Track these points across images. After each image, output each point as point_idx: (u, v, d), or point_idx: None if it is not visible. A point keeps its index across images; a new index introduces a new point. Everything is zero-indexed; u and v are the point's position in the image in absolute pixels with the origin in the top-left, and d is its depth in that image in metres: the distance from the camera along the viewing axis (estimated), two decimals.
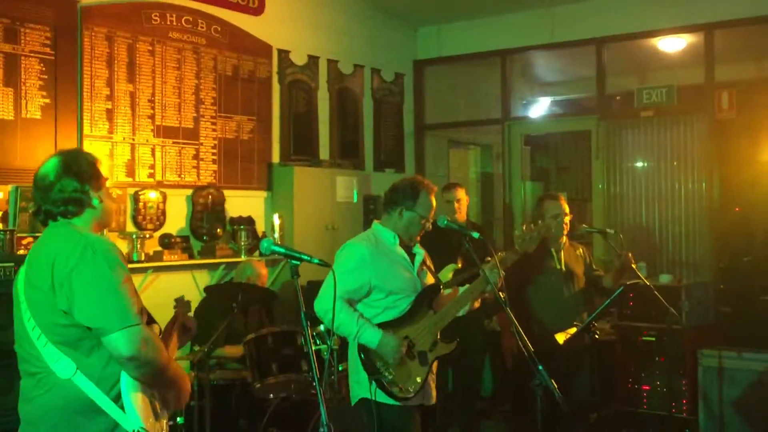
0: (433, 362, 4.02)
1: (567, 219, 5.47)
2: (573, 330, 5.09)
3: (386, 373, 3.87)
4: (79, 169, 2.87)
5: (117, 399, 2.78)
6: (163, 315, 3.34)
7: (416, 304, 4.01)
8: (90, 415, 2.75)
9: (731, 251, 7.56)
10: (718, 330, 6.81)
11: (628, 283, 5.32)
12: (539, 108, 10.32)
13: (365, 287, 3.97)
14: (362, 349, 3.88)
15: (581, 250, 5.67)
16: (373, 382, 3.84)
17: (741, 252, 7.63)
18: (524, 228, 4.27)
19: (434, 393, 4.12)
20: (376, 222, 4.20)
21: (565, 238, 5.54)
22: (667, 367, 6.46)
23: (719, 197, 7.49)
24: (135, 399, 2.79)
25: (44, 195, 2.87)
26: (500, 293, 3.82)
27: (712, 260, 7.49)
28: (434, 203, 4.12)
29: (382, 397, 3.86)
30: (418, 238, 4.16)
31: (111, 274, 2.71)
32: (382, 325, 3.93)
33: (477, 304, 4.16)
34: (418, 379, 3.94)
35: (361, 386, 3.93)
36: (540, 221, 4.97)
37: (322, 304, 3.89)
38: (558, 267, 5.45)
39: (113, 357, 2.72)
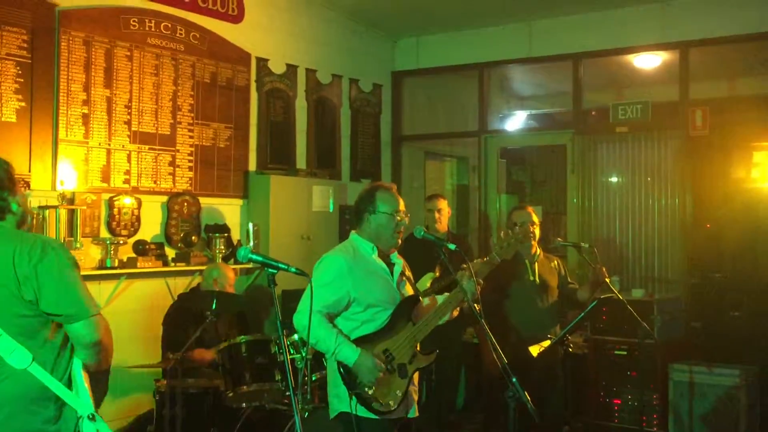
0: (413, 374, 3.99)
1: (536, 228, 5.51)
2: (547, 343, 5.12)
3: (366, 389, 3.83)
4: None
5: (67, 386, 2.92)
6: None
7: (395, 316, 3.97)
8: (44, 402, 2.90)
9: (702, 267, 7.65)
10: (689, 345, 6.89)
11: (601, 297, 5.36)
12: (516, 121, 10.38)
13: (344, 300, 3.91)
14: (342, 363, 3.84)
15: (556, 262, 5.72)
16: (354, 396, 3.82)
17: (712, 268, 7.72)
18: (501, 235, 4.30)
19: (416, 405, 4.09)
20: (353, 232, 4.15)
21: (539, 250, 5.59)
22: (639, 381, 6.52)
23: (692, 213, 7.57)
24: (86, 387, 2.95)
25: None
26: (475, 305, 3.82)
27: (684, 275, 7.57)
28: (397, 198, 4.06)
29: (362, 411, 3.83)
30: (400, 241, 4.10)
31: (73, 267, 2.94)
32: (360, 340, 3.89)
33: (456, 313, 4.16)
34: (398, 393, 3.91)
35: (340, 400, 3.89)
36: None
37: (300, 319, 3.84)
38: (532, 278, 5.49)
39: (76, 344, 2.93)
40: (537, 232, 5.58)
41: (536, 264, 5.55)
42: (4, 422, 2.86)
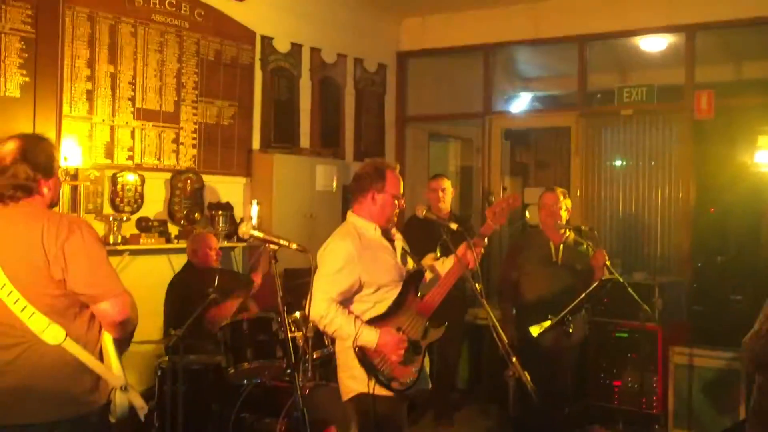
0: (425, 349, 4.00)
1: (562, 211, 5.56)
2: (548, 323, 5.13)
3: (384, 369, 3.83)
4: (35, 159, 3.03)
5: (99, 358, 3.00)
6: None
7: (403, 292, 3.96)
8: (79, 375, 2.95)
9: (706, 251, 7.65)
10: (690, 328, 6.90)
11: (603, 278, 5.37)
12: (520, 103, 10.35)
13: (356, 284, 3.89)
14: (362, 347, 3.82)
15: (586, 245, 5.70)
16: (373, 378, 3.79)
17: (715, 252, 7.72)
18: (492, 199, 4.26)
19: (428, 378, 4.10)
20: (351, 213, 4.13)
21: (569, 233, 5.62)
22: (639, 364, 6.54)
23: (696, 197, 7.56)
24: (117, 358, 3.05)
25: None
26: (477, 284, 3.82)
27: (687, 259, 7.56)
28: (401, 181, 4.08)
29: (380, 390, 3.82)
30: (395, 219, 4.11)
31: (99, 246, 2.98)
32: (373, 320, 3.88)
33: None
34: (414, 369, 3.91)
35: (357, 381, 3.85)
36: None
37: (317, 311, 3.80)
38: (554, 260, 5.52)
39: (103, 321, 2.98)
40: (564, 215, 5.62)
41: (561, 246, 5.56)
42: (44, 396, 2.90)
